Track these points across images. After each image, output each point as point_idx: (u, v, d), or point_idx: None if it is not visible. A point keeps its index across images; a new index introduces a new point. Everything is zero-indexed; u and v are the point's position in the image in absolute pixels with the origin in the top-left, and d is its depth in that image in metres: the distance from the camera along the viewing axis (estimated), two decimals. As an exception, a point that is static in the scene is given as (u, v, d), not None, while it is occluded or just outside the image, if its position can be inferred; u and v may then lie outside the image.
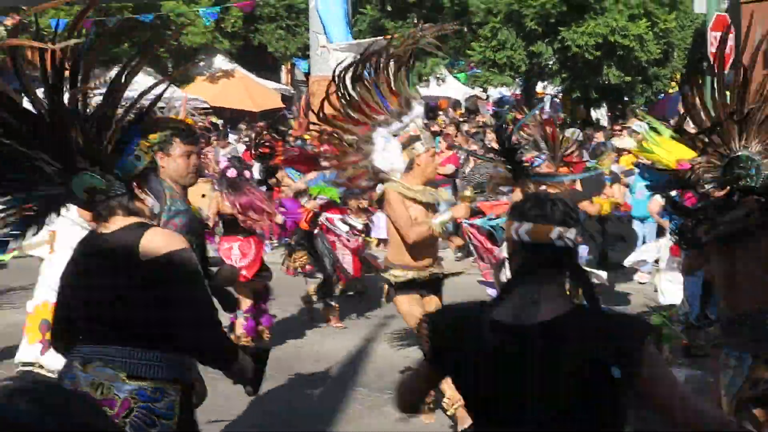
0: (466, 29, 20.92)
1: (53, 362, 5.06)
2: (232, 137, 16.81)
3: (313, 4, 14.90)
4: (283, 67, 30.60)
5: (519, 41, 20.16)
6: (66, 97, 2.76)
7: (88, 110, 2.87)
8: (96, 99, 2.89)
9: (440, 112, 21.31)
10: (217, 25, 22.15)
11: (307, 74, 24.23)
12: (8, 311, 8.83)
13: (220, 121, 20.76)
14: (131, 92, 2.88)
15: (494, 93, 25.86)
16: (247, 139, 17.00)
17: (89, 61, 2.81)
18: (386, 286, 5.60)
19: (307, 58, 20.30)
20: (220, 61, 24.76)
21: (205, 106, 21.69)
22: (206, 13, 17.66)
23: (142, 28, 17.56)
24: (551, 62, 20.86)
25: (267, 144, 9.35)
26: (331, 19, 14.56)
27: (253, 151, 9.32)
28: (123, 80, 2.87)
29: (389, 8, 22.21)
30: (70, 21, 2.80)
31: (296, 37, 26.28)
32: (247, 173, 7.60)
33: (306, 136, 11.54)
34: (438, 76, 23.03)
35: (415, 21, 21.75)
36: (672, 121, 5.11)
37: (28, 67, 2.78)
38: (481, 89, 24.65)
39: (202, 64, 24.32)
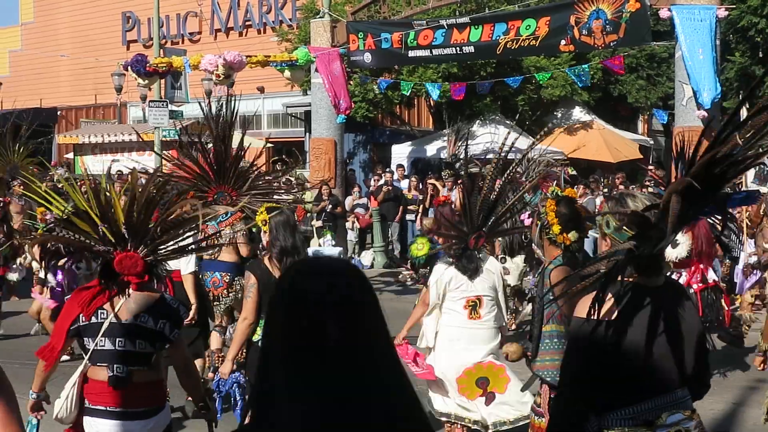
0: None
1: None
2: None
3: (679, 53, 14.40)
4: (640, 116, 29.95)
5: None
6: None
7: None
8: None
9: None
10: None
11: (665, 125, 23.51)
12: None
13: (574, 172, 20.91)
14: (487, 144, 3.16)
15: None
16: (606, 190, 16.92)
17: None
18: None
19: (667, 109, 19.71)
20: (578, 113, 24.91)
21: (562, 157, 21.93)
22: (576, 74, 16.76)
23: (504, 83, 18.19)
24: None
25: None
26: (698, 68, 13.98)
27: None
28: None
29: (760, 54, 20.88)
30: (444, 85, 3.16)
31: (656, 86, 25.67)
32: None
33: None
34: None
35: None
36: None
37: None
38: None
39: (560, 115, 24.68)
